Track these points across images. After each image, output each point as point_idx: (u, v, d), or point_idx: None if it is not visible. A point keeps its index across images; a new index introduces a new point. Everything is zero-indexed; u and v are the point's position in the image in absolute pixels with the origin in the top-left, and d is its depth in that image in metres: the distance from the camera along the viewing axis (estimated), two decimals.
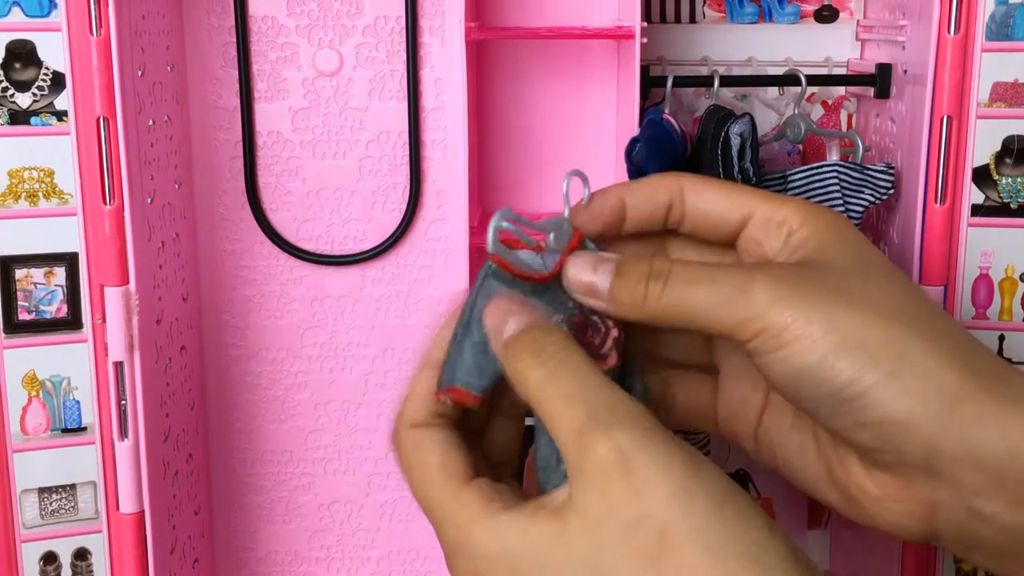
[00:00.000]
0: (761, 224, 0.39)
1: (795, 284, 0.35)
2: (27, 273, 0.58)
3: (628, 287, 0.37)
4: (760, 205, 0.39)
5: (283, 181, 0.71)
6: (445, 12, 0.69)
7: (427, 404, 0.38)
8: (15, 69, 0.57)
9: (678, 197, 0.40)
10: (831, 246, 0.37)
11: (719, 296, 0.36)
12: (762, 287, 0.35)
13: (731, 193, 0.40)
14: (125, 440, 0.59)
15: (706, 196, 0.40)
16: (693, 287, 0.36)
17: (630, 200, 0.40)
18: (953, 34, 0.58)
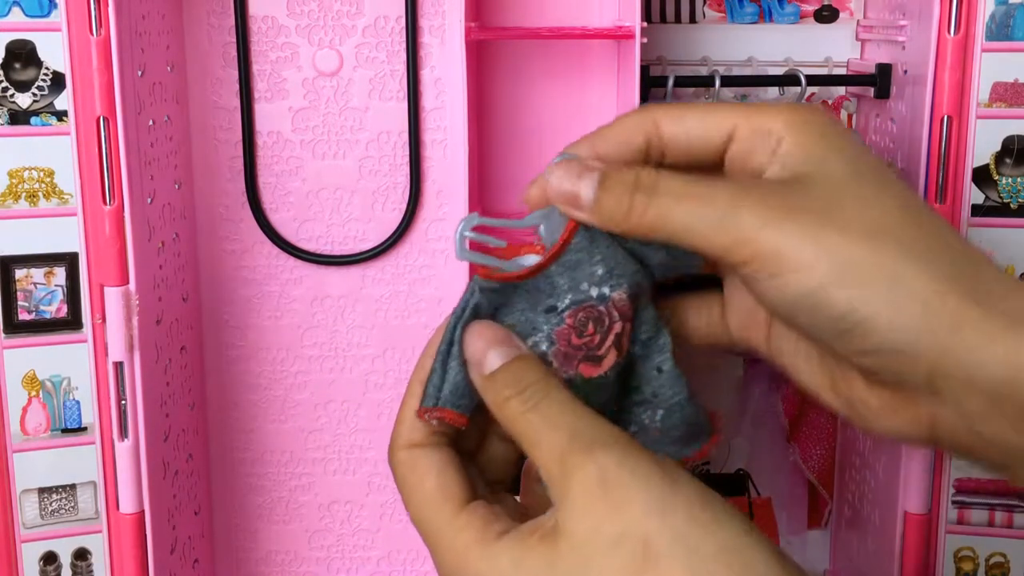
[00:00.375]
0: (746, 138, 0.37)
1: (784, 206, 0.34)
2: (27, 273, 0.58)
3: (612, 198, 0.36)
4: (743, 118, 0.37)
5: (283, 181, 0.71)
6: (445, 12, 0.69)
7: (420, 425, 0.38)
8: (15, 69, 0.57)
9: (654, 133, 0.38)
10: (821, 157, 0.36)
11: (707, 215, 0.35)
12: (750, 208, 0.34)
13: (710, 113, 0.38)
14: (125, 440, 0.59)
15: (684, 124, 0.38)
16: (681, 202, 0.35)
17: (603, 150, 0.39)
18: (953, 34, 0.58)
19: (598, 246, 0.38)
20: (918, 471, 0.62)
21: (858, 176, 0.35)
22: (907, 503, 0.63)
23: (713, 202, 0.35)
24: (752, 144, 0.37)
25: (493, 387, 0.36)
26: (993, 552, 0.64)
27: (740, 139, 0.37)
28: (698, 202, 0.35)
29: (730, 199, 0.35)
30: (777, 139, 0.36)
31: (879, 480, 0.68)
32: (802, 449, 0.80)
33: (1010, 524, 0.64)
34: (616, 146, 0.39)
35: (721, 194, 0.35)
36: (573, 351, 0.38)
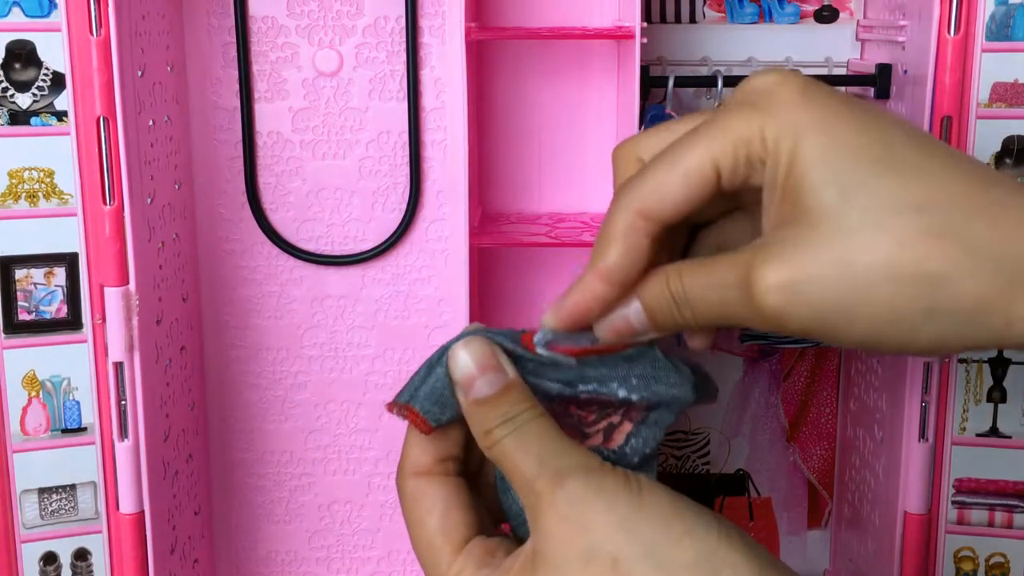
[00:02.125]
0: (731, 171, 0.36)
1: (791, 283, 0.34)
2: (27, 273, 0.58)
3: (663, 320, 0.37)
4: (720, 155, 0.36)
5: (283, 181, 0.71)
6: (445, 12, 0.69)
7: (431, 448, 0.38)
8: (15, 69, 0.57)
9: (650, 227, 0.37)
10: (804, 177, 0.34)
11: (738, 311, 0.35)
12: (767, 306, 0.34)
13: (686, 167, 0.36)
14: (125, 440, 0.59)
15: (671, 198, 0.36)
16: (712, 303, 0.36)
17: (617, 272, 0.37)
18: (953, 34, 0.58)
19: (647, 358, 0.39)
20: (918, 471, 0.62)
21: (845, 197, 0.34)
22: (907, 503, 0.63)
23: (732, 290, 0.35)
24: (740, 174, 0.36)
25: (479, 415, 0.37)
26: (993, 552, 0.64)
27: (726, 176, 0.36)
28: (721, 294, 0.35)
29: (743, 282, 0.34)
30: (760, 162, 0.35)
31: (879, 480, 0.68)
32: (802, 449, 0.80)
33: (1010, 524, 0.64)
34: (625, 264, 0.37)
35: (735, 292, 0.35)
36: (565, 415, 0.38)
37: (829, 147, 0.34)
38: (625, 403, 0.39)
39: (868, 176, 0.33)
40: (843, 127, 0.34)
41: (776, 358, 0.79)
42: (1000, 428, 0.63)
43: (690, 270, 0.36)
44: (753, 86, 0.36)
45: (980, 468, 0.63)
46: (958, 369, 0.62)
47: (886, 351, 0.35)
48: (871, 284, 0.33)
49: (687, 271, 0.36)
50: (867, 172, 0.33)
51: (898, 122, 0.35)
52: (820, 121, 0.34)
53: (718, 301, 0.36)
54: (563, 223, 0.72)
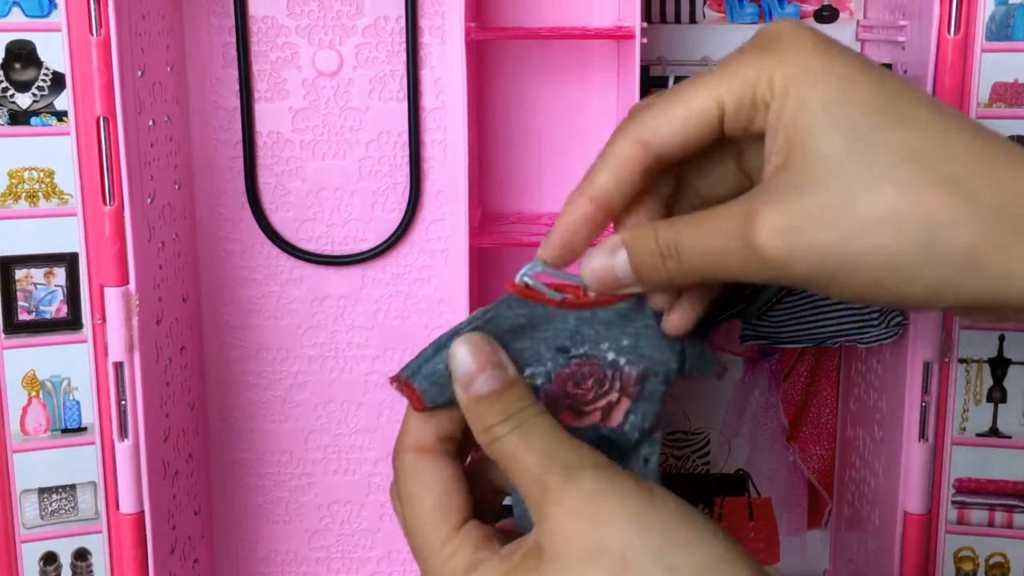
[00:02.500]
0: (734, 113, 0.36)
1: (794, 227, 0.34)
2: (27, 273, 0.58)
3: (648, 272, 0.37)
4: (725, 94, 0.36)
5: (283, 181, 0.71)
6: (445, 12, 0.69)
7: (432, 426, 0.38)
8: (15, 69, 0.57)
9: (647, 156, 0.37)
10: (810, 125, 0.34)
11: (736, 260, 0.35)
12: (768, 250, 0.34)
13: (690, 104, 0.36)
14: (125, 440, 0.59)
15: (671, 131, 0.36)
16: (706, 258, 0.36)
17: (606, 196, 0.38)
18: (953, 34, 0.58)
19: (640, 319, 0.39)
20: (918, 471, 0.62)
21: (850, 146, 0.34)
22: (907, 503, 0.63)
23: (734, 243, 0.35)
24: (744, 116, 0.36)
25: (478, 411, 0.36)
26: (993, 552, 0.64)
27: (731, 115, 0.36)
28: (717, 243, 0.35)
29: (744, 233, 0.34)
30: (764, 105, 0.36)
31: (879, 480, 0.68)
32: (802, 449, 0.80)
33: (1010, 524, 0.64)
34: (615, 188, 0.38)
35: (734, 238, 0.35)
36: (563, 396, 0.38)
37: (838, 96, 0.34)
38: (614, 368, 0.38)
39: (873, 127, 0.34)
40: (853, 79, 0.35)
41: (776, 358, 0.79)
42: (1000, 428, 0.63)
43: (683, 222, 0.37)
44: (767, 32, 0.37)
45: (980, 468, 0.63)
46: (958, 369, 0.62)
47: (883, 301, 0.35)
48: (872, 229, 0.33)
49: (680, 223, 0.37)
50: (873, 123, 0.34)
51: (903, 80, 0.36)
52: (831, 71, 0.35)
53: (715, 251, 0.35)
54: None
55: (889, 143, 0.34)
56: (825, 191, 0.34)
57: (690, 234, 0.36)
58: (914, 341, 0.62)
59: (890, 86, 0.35)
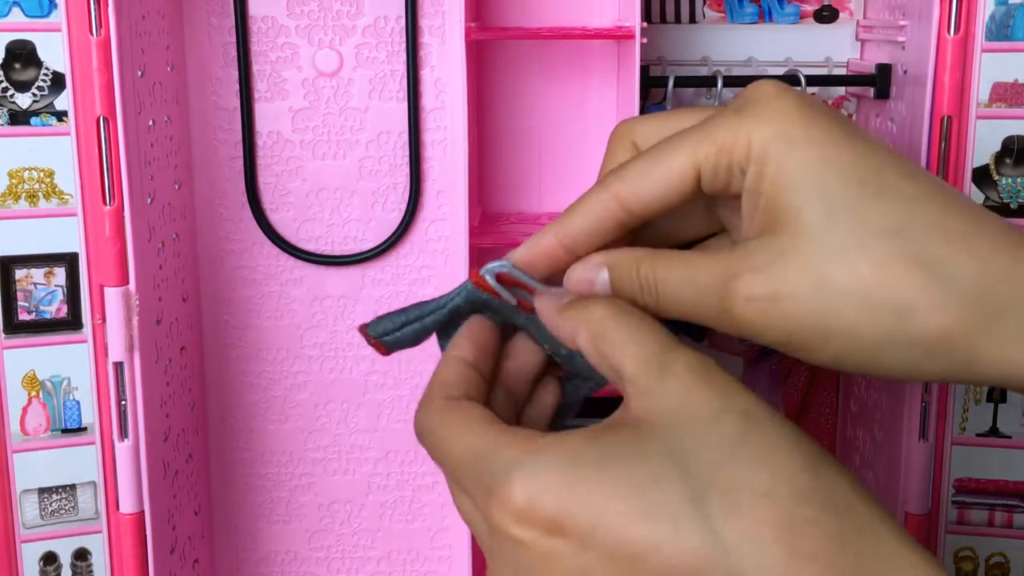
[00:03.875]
0: (712, 175, 0.36)
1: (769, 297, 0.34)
2: (27, 273, 0.58)
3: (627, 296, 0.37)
4: (703, 157, 0.36)
5: (283, 181, 0.71)
6: (445, 12, 0.69)
7: (460, 384, 0.37)
8: (15, 69, 0.57)
9: (622, 211, 0.37)
10: (789, 193, 0.34)
11: (711, 316, 0.36)
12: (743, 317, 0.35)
13: (668, 163, 0.36)
14: (125, 440, 0.59)
15: (648, 190, 0.37)
16: (681, 299, 0.36)
17: (571, 243, 0.38)
18: (953, 34, 0.58)
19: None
20: (918, 471, 0.62)
21: (829, 217, 0.34)
22: (907, 503, 0.63)
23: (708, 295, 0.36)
24: (721, 180, 0.36)
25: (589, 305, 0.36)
26: (993, 552, 0.64)
27: (707, 179, 0.36)
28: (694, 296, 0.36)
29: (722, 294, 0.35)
30: (740, 170, 0.36)
31: (879, 480, 0.68)
32: None
33: (1010, 524, 0.64)
34: (585, 237, 0.38)
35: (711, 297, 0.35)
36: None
37: (819, 164, 0.34)
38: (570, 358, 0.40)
39: (854, 198, 0.34)
40: (834, 145, 0.34)
41: (776, 358, 0.79)
42: (1000, 428, 0.63)
43: (665, 262, 0.37)
44: (749, 94, 0.37)
45: (980, 468, 0.63)
46: None
47: (855, 372, 0.36)
48: (846, 305, 0.33)
49: (661, 262, 0.37)
50: (853, 194, 0.34)
51: (884, 147, 0.36)
52: (811, 137, 0.35)
53: (690, 300, 0.36)
54: None
55: (867, 217, 0.34)
56: (802, 263, 0.34)
57: (669, 277, 0.36)
58: None
59: (871, 154, 0.35)
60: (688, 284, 0.36)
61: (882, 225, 0.33)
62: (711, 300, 0.35)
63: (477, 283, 0.39)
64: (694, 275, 0.36)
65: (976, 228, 0.34)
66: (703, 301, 0.36)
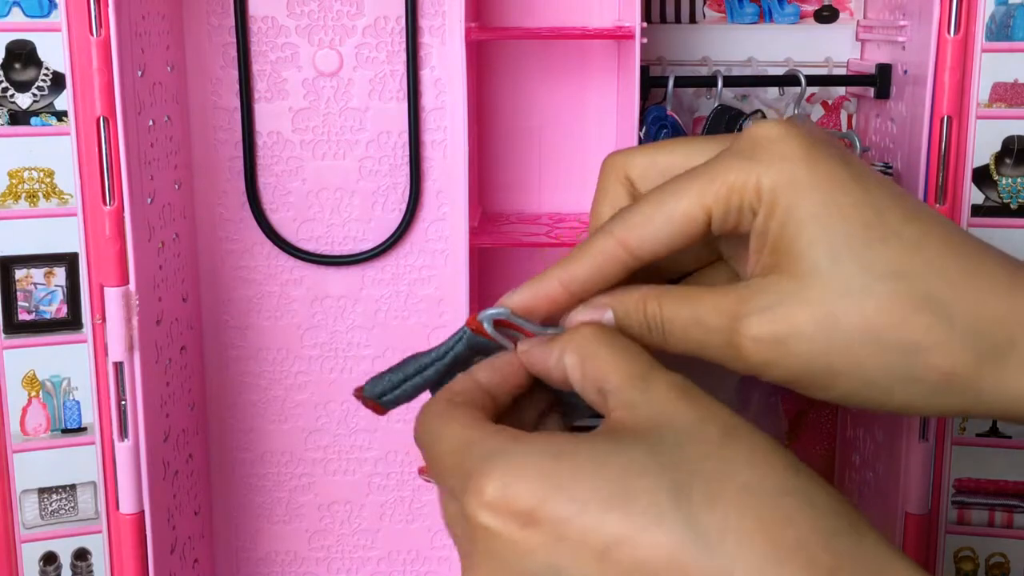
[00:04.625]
0: (722, 219, 0.36)
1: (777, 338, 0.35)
2: (27, 273, 0.58)
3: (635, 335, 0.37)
4: (713, 201, 0.36)
5: (283, 181, 0.71)
6: (445, 12, 0.69)
7: (467, 394, 0.38)
8: (15, 69, 0.57)
9: (629, 257, 0.37)
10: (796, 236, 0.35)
11: (718, 354, 0.36)
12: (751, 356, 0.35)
13: (674, 211, 0.37)
14: (125, 440, 0.59)
15: (655, 238, 0.37)
16: (689, 338, 0.37)
17: (577, 288, 0.38)
18: (953, 34, 0.58)
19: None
20: (918, 471, 0.62)
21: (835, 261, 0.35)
22: (907, 503, 0.63)
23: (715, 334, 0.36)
24: (730, 221, 0.37)
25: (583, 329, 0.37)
26: (993, 552, 0.64)
27: (717, 221, 0.37)
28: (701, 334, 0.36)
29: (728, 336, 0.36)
30: (751, 211, 0.36)
31: (879, 480, 0.68)
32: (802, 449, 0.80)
33: (1010, 524, 0.64)
34: (588, 281, 0.38)
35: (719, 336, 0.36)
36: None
37: (824, 208, 0.35)
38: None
39: (858, 241, 0.35)
40: (839, 189, 0.35)
41: None
42: (1000, 428, 0.63)
43: (671, 301, 0.37)
44: (754, 136, 0.37)
45: (980, 468, 0.63)
46: None
47: (860, 407, 0.37)
48: (852, 346, 0.34)
49: (668, 301, 0.37)
50: (858, 237, 0.35)
51: (889, 185, 0.36)
52: (818, 181, 0.35)
53: (697, 340, 0.36)
54: (563, 223, 0.72)
55: (871, 259, 0.34)
56: (809, 304, 0.35)
57: (676, 317, 0.37)
58: None
59: (874, 196, 0.35)
60: (695, 325, 0.36)
61: (885, 267, 0.34)
62: (718, 340, 0.36)
63: (475, 329, 0.39)
64: (701, 315, 0.36)
65: (976, 268, 0.35)
66: (711, 341, 0.36)
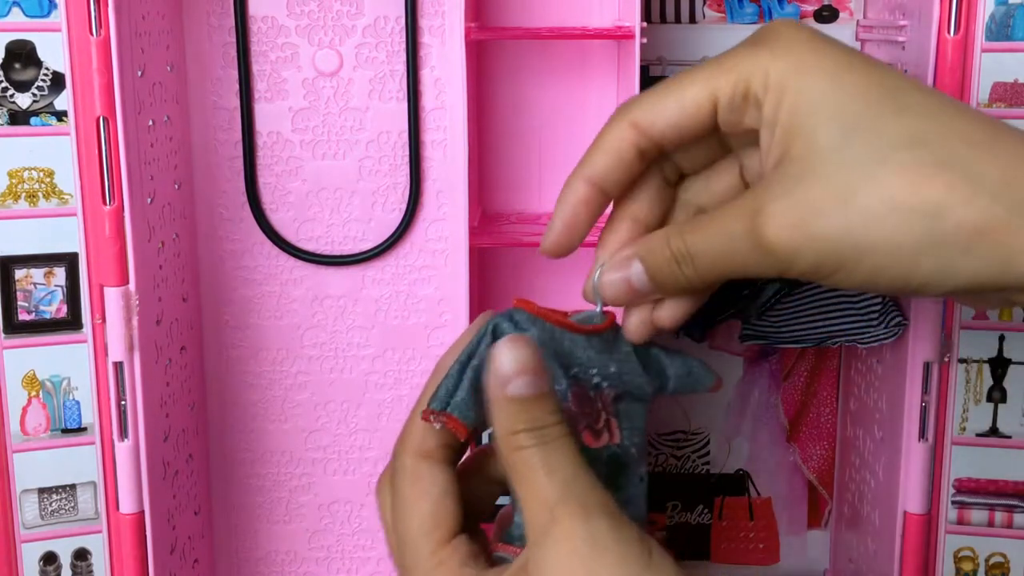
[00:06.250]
0: (728, 106, 0.37)
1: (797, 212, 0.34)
2: (27, 273, 0.58)
3: (665, 279, 0.37)
4: (720, 86, 0.36)
5: (283, 181, 0.71)
6: (445, 12, 0.69)
7: (435, 432, 0.38)
8: (15, 69, 0.57)
9: (640, 139, 0.38)
10: (804, 121, 0.35)
11: (741, 252, 0.36)
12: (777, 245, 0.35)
13: (683, 92, 0.37)
14: (125, 440, 0.59)
15: (664, 117, 0.37)
16: (715, 255, 0.36)
17: (600, 178, 0.38)
18: (953, 34, 0.58)
19: (621, 347, 0.40)
20: (918, 471, 0.62)
21: (847, 136, 0.34)
22: (907, 503, 0.63)
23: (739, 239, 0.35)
24: (737, 111, 0.37)
25: (508, 412, 0.36)
26: (993, 552, 0.64)
27: (723, 109, 0.37)
28: (727, 244, 0.36)
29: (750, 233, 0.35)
30: (757, 102, 0.36)
31: (879, 480, 0.68)
32: (802, 449, 0.80)
33: (1010, 524, 0.64)
34: (610, 170, 0.38)
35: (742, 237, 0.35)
36: (580, 415, 0.38)
37: (834, 88, 0.35)
38: (597, 390, 0.39)
39: (870, 115, 0.34)
40: (847, 71, 0.35)
41: (776, 358, 0.79)
42: (1000, 428, 0.63)
43: (691, 229, 0.37)
44: (763, 32, 0.37)
45: (980, 468, 0.63)
46: (958, 369, 0.62)
47: (886, 288, 0.35)
48: (874, 217, 0.33)
49: (688, 230, 0.37)
50: (869, 112, 0.34)
51: (899, 72, 0.36)
52: (826, 65, 0.35)
53: (725, 252, 0.36)
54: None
55: (887, 130, 0.34)
56: (826, 181, 0.34)
57: (700, 238, 0.37)
58: (914, 341, 0.62)
59: (886, 77, 0.35)
60: (719, 236, 0.36)
61: (901, 137, 0.34)
62: (744, 244, 0.35)
63: (525, 306, 0.38)
64: (722, 226, 0.36)
65: (995, 135, 0.34)
66: (737, 248, 0.36)
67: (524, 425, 0.35)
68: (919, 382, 0.62)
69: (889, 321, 0.63)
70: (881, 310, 0.64)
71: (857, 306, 0.65)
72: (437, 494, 0.37)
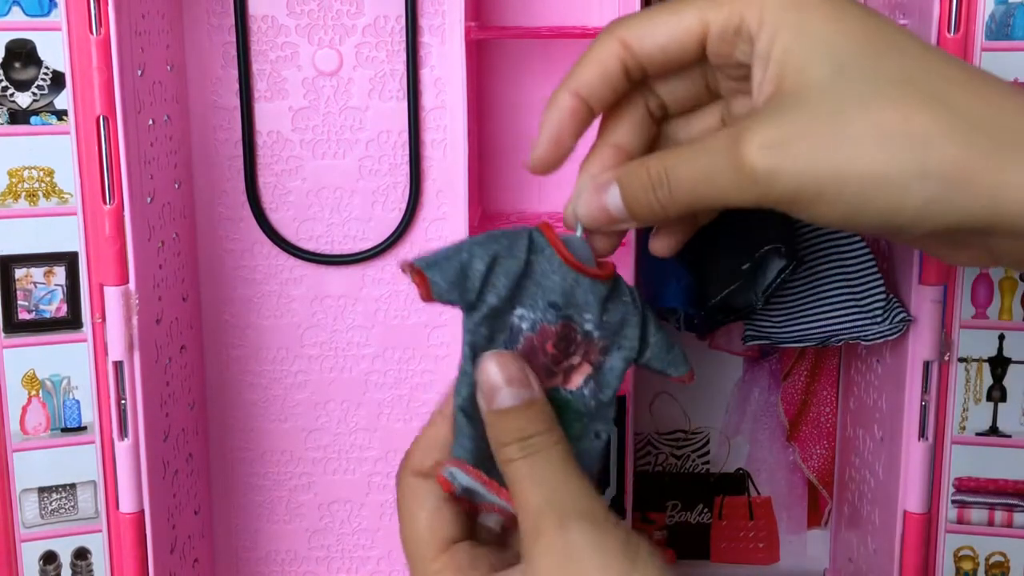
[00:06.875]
0: (719, 37, 0.37)
1: (784, 140, 0.34)
2: (27, 273, 0.58)
3: (640, 206, 0.38)
4: (712, 15, 0.37)
5: (283, 181, 0.71)
6: (445, 12, 0.69)
7: (434, 452, 0.39)
8: (15, 69, 0.57)
9: (627, 56, 0.38)
10: (798, 56, 0.35)
11: (724, 181, 0.35)
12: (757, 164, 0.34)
13: (676, 17, 0.37)
14: (125, 440, 0.59)
15: (654, 38, 0.38)
16: (695, 182, 0.36)
17: (585, 90, 0.39)
18: (953, 34, 0.58)
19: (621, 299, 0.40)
20: (918, 470, 0.62)
21: (840, 71, 0.35)
22: (907, 503, 0.63)
23: (718, 156, 0.35)
24: (727, 43, 0.37)
25: (497, 425, 0.37)
26: (993, 552, 0.64)
27: (714, 39, 0.37)
28: (706, 165, 0.36)
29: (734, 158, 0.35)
30: (749, 37, 0.36)
31: (879, 480, 0.68)
32: (802, 449, 0.80)
33: (1010, 524, 0.64)
34: (596, 83, 0.39)
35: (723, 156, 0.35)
36: (541, 352, 0.39)
37: (827, 28, 0.35)
38: (587, 337, 0.39)
39: (863, 54, 0.35)
40: (842, 12, 0.35)
41: (776, 358, 0.79)
42: (1000, 427, 0.63)
43: (672, 154, 0.37)
44: None
45: (980, 467, 0.63)
46: (958, 368, 0.62)
47: (868, 222, 0.35)
48: (861, 143, 0.33)
49: (669, 155, 0.37)
50: (861, 51, 0.35)
51: (890, 19, 0.37)
52: (819, 6, 0.36)
53: (702, 173, 0.36)
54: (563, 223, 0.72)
55: (877, 68, 0.34)
56: (815, 108, 0.34)
57: (679, 160, 0.37)
58: (914, 340, 0.62)
59: (877, 20, 0.36)
60: (697, 157, 0.36)
61: (892, 75, 0.34)
62: (722, 163, 0.35)
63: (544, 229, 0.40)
64: (702, 147, 0.36)
65: (980, 77, 0.35)
66: (715, 168, 0.35)
67: (512, 436, 0.36)
68: (919, 381, 0.62)
69: (893, 317, 0.63)
70: (885, 306, 0.64)
71: (861, 302, 0.65)
72: (431, 505, 0.38)
